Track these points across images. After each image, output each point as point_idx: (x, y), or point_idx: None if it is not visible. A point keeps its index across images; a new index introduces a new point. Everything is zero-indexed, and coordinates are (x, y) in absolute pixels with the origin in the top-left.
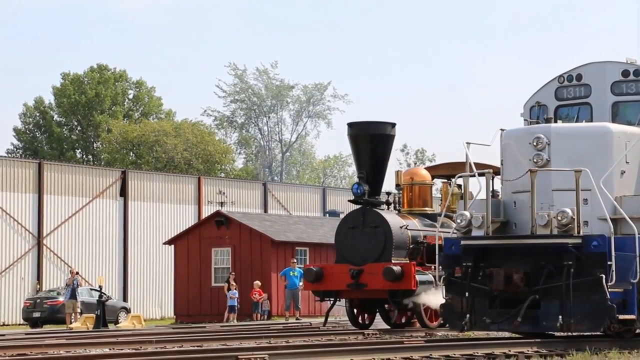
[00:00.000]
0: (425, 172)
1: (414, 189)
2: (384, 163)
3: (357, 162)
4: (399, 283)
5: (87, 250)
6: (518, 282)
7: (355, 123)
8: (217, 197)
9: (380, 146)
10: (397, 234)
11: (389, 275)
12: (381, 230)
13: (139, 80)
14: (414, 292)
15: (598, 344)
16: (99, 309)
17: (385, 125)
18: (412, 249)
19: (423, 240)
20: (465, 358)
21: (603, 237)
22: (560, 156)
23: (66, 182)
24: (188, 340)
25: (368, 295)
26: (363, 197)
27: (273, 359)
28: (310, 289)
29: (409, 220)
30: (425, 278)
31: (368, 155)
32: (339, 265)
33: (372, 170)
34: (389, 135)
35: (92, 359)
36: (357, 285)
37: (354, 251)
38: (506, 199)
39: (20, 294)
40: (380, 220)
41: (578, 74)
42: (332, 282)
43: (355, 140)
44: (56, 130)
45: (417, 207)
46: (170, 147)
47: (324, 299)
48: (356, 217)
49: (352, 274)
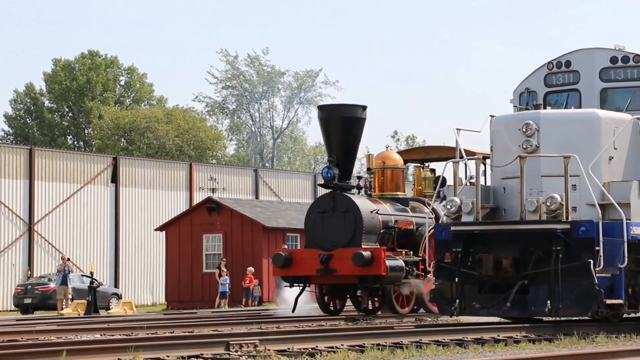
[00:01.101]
0: (397, 156)
1: (386, 173)
2: (355, 147)
3: (327, 146)
4: (368, 268)
5: (78, 237)
6: (507, 267)
7: (326, 106)
8: (209, 183)
9: (350, 129)
10: (367, 218)
11: (359, 260)
12: (351, 214)
13: (131, 67)
14: (384, 278)
15: (586, 328)
16: (90, 295)
17: (355, 108)
18: (382, 234)
19: (394, 225)
20: (455, 343)
21: (591, 222)
22: (549, 142)
23: (57, 168)
24: (179, 326)
25: (338, 281)
26: (333, 181)
27: (264, 344)
28: (279, 274)
29: (380, 205)
30: (396, 263)
31: (338, 138)
32: (308, 250)
33: (343, 154)
34: (359, 119)
35: (83, 344)
36: (326, 271)
37: (324, 236)
38: (495, 185)
39: (11, 280)
40: (350, 204)
41: (567, 60)
42: (302, 267)
43: (326, 123)
44: (47, 116)
45: (389, 191)
46: (161, 134)
47: (293, 285)
48: (326, 202)
49: (321, 259)
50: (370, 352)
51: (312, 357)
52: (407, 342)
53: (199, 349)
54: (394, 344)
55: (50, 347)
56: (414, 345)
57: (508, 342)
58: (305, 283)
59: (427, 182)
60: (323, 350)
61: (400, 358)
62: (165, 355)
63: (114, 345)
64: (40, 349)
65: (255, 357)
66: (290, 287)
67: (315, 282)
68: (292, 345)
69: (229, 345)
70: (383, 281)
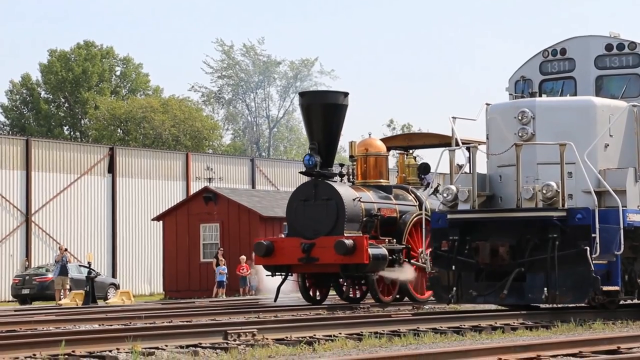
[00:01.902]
0: (380, 143)
1: (369, 160)
2: (337, 134)
3: (309, 133)
4: (351, 257)
5: (75, 227)
6: (504, 255)
7: (307, 92)
8: (205, 173)
9: (332, 116)
10: (349, 206)
11: (341, 249)
12: (333, 202)
13: (126, 57)
14: (366, 266)
15: (583, 315)
16: (88, 285)
17: (337, 94)
18: (365, 222)
19: (377, 212)
20: (452, 330)
21: (587, 209)
22: (545, 130)
23: (54, 158)
24: (177, 316)
25: (320, 270)
26: (315, 169)
27: (262, 333)
28: (261, 263)
29: (363, 193)
30: (379, 252)
31: (320, 125)
32: (290, 239)
33: (325, 141)
34: (341, 105)
35: (81, 334)
36: (308, 260)
37: (306, 224)
38: (492, 172)
39: (9, 271)
40: (332, 192)
41: (562, 48)
42: (283, 256)
43: (307, 110)
44: (43, 107)
45: (372, 179)
46: (157, 124)
47: (275, 274)
48: (308, 190)
49: (303, 248)
50: (368, 340)
51: (310, 345)
52: (404, 330)
53: (197, 339)
54: (392, 331)
55: (49, 337)
56: (411, 333)
57: (505, 329)
58: (287, 272)
59: (410, 170)
60: (321, 338)
61: (397, 346)
62: (164, 345)
63: (112, 335)
64: (39, 339)
65: (253, 346)
66: (272, 276)
67: (297, 271)
68: (290, 334)
69: (227, 335)
70: (365, 270)
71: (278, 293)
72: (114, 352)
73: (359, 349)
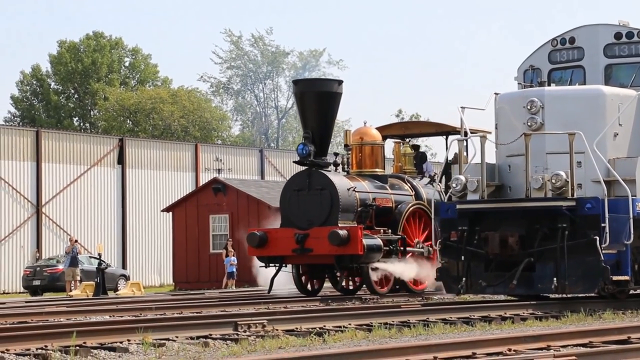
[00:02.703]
0: (376, 131)
1: (364, 149)
2: (331, 122)
3: (302, 122)
4: (345, 247)
5: (86, 218)
6: (513, 245)
7: (301, 80)
8: (214, 164)
9: (326, 104)
10: (344, 196)
11: (335, 239)
12: (327, 192)
13: (135, 48)
14: (361, 257)
15: (592, 305)
16: (98, 276)
17: (331, 82)
18: (360, 212)
19: (372, 202)
20: (461, 321)
21: (597, 199)
22: (554, 119)
23: (64, 150)
24: (187, 307)
25: (314, 261)
26: (309, 158)
27: (272, 324)
28: (254, 254)
29: (358, 182)
30: (374, 242)
31: (314, 114)
32: (284, 229)
33: (319, 130)
34: (335, 93)
35: (92, 326)
36: (302, 250)
37: (300, 215)
38: (501, 162)
39: (20, 262)
40: (326, 182)
41: (571, 37)
42: (277, 247)
43: (301, 98)
44: (53, 98)
45: (367, 168)
46: (167, 115)
47: (268, 265)
48: (302, 179)
49: (297, 239)
50: (377, 331)
51: (320, 336)
52: (414, 320)
53: (208, 330)
54: (401, 322)
55: (60, 328)
56: (421, 324)
57: (515, 320)
58: (281, 263)
59: (407, 159)
60: (331, 329)
61: (407, 337)
62: (174, 336)
63: (123, 326)
64: (50, 330)
65: (263, 337)
66: (265, 267)
67: (291, 262)
68: (300, 325)
69: (237, 326)
70: (360, 260)
71: (272, 284)
72: (124, 343)
73: (369, 339)
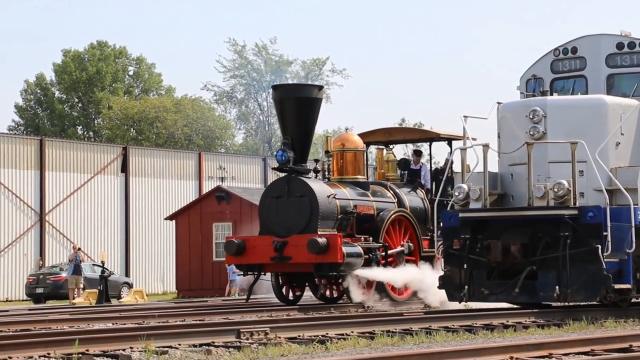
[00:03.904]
0: (358, 138)
1: (345, 155)
2: (311, 128)
3: (282, 128)
4: (324, 256)
5: (89, 226)
6: (515, 253)
7: (280, 85)
8: (218, 172)
9: (306, 110)
10: (323, 203)
11: (314, 247)
12: (306, 199)
13: (139, 57)
14: (340, 265)
15: (594, 313)
16: (101, 284)
17: (311, 88)
18: (340, 220)
19: (353, 210)
20: (464, 329)
21: (599, 208)
22: (556, 128)
23: (68, 158)
24: (190, 315)
25: (292, 269)
26: (288, 165)
27: (275, 332)
28: (232, 262)
29: (338, 189)
30: (354, 250)
31: (293, 120)
32: (262, 237)
33: (298, 136)
34: (315, 99)
35: (95, 333)
36: (281, 259)
37: (279, 222)
38: (503, 171)
39: (23, 270)
40: (306, 189)
41: (573, 47)
42: (255, 255)
43: (280, 103)
44: (57, 107)
45: (349, 175)
46: (170, 123)
47: (247, 273)
48: (281, 186)
49: (275, 247)
50: (380, 339)
51: (322, 344)
52: (416, 328)
53: (210, 337)
54: (404, 330)
55: (63, 336)
56: (423, 332)
57: (517, 328)
58: (259, 271)
59: (390, 165)
60: (333, 337)
61: (410, 344)
62: (177, 344)
63: (126, 334)
64: (53, 338)
65: (266, 345)
66: (244, 275)
67: (270, 270)
68: (302, 332)
69: (240, 333)
70: (339, 269)
71: (250, 293)
72: (127, 351)
73: (371, 347)
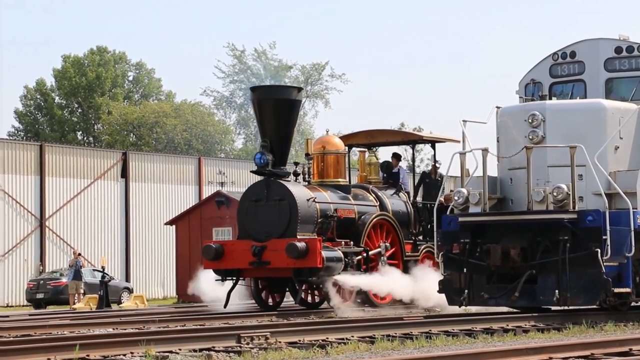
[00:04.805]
0: (339, 140)
1: (326, 158)
2: (290, 131)
3: (261, 130)
4: (303, 260)
5: (89, 232)
6: (515, 257)
7: (258, 87)
8: (217, 177)
9: (285, 112)
10: (303, 207)
11: (292, 252)
12: (286, 203)
13: (139, 62)
14: (320, 270)
15: (594, 317)
16: (101, 289)
17: (290, 89)
18: (320, 224)
19: (333, 213)
20: (464, 333)
21: (598, 211)
22: (555, 133)
23: (68, 164)
24: (190, 319)
25: (272, 274)
26: (267, 168)
27: (275, 337)
28: (210, 267)
29: (318, 193)
30: (333, 254)
31: (272, 121)
32: (241, 241)
33: (277, 139)
34: (294, 101)
35: (95, 338)
36: (259, 263)
37: (257, 226)
38: (502, 175)
39: (23, 275)
40: (285, 192)
41: (572, 51)
42: (233, 260)
43: (259, 105)
44: (57, 112)
45: (329, 178)
46: (170, 128)
47: (225, 279)
48: (259, 190)
49: (254, 251)
50: (380, 343)
51: (323, 348)
52: (416, 332)
53: (211, 342)
54: (404, 334)
55: (64, 341)
56: (423, 336)
57: (517, 332)
58: (238, 276)
59: (372, 168)
60: (334, 341)
61: (410, 349)
62: (177, 349)
63: (126, 339)
64: (53, 343)
65: (266, 350)
66: (222, 281)
67: (248, 276)
68: (303, 337)
69: (240, 338)
70: (319, 273)
71: (228, 299)
72: (128, 356)
73: (371, 351)
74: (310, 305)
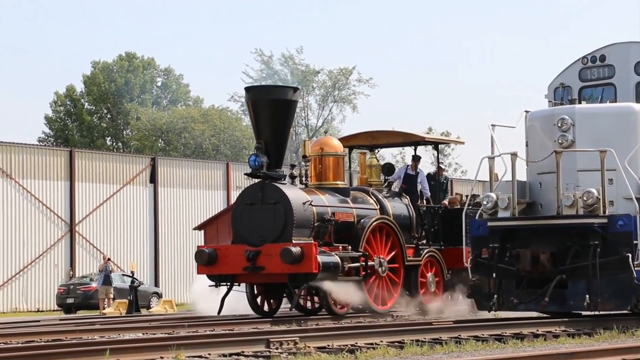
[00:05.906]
0: (337, 142)
1: (324, 160)
2: (286, 132)
3: (255, 132)
4: (298, 266)
5: (118, 237)
6: (545, 262)
7: (253, 87)
8: (245, 182)
9: (280, 113)
10: (299, 210)
11: (287, 257)
12: (281, 206)
13: (167, 68)
14: (315, 276)
15: (625, 322)
16: (131, 294)
17: (286, 89)
18: (317, 227)
19: (331, 217)
20: (493, 338)
21: (629, 216)
22: (584, 137)
23: (97, 169)
24: (219, 324)
25: (266, 280)
26: (261, 170)
27: (304, 341)
28: (203, 272)
29: (315, 196)
30: (330, 259)
31: (267, 123)
32: (235, 246)
33: (273, 141)
34: (290, 101)
35: (125, 343)
36: (254, 269)
37: (252, 230)
38: (531, 180)
39: (54, 280)
40: (280, 195)
41: (602, 54)
42: (227, 265)
43: (254, 106)
44: (87, 118)
45: (328, 180)
46: (198, 134)
47: (219, 284)
48: (254, 193)
49: (248, 256)
50: (409, 348)
51: (352, 353)
52: (446, 337)
53: (240, 347)
54: (433, 339)
55: (94, 346)
56: (453, 341)
57: (547, 337)
58: (232, 282)
59: (373, 170)
60: (363, 346)
61: (439, 354)
62: (207, 353)
63: (156, 343)
64: (84, 348)
65: (295, 355)
66: (216, 286)
67: (242, 281)
68: (332, 342)
69: (270, 343)
70: (315, 279)
71: (222, 305)
72: None
73: (400, 357)
74: (308, 311)
